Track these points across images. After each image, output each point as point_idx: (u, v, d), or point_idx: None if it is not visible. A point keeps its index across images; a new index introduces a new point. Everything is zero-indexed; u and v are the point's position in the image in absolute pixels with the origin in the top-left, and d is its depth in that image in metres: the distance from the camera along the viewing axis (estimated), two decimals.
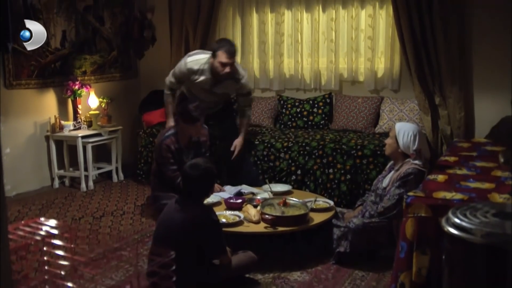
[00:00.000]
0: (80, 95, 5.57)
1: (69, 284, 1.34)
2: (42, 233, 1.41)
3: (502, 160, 2.44)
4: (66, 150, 5.60)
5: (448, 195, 2.96)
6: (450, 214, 1.89)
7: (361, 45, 5.56)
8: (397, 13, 5.04)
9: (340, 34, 5.62)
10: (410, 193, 3.07)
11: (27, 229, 1.42)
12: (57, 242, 1.43)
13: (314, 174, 4.82)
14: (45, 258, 1.45)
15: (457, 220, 1.82)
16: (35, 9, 5.26)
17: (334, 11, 5.60)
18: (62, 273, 1.36)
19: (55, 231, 1.43)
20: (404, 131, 3.60)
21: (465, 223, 1.79)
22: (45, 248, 1.48)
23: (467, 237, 1.75)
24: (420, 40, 4.99)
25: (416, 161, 3.55)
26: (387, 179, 3.66)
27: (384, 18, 5.43)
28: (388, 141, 3.69)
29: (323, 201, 3.95)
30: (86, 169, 5.51)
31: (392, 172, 3.66)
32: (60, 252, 1.42)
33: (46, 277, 1.38)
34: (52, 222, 1.45)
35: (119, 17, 6.29)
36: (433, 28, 4.95)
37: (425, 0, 4.91)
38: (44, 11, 5.36)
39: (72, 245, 1.41)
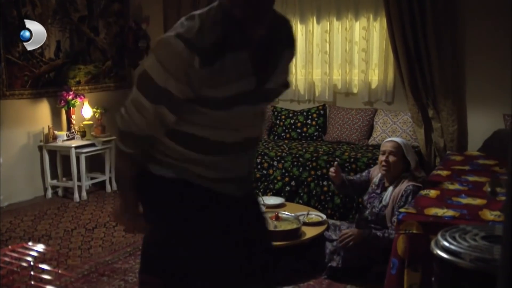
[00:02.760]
0: (74, 105, 5.57)
1: None
2: (29, 259, 1.40)
3: (488, 189, 2.45)
4: (60, 160, 5.59)
5: (440, 211, 2.97)
6: (439, 237, 1.89)
7: (355, 57, 5.58)
8: (390, 26, 5.07)
9: (334, 46, 5.65)
10: (402, 210, 3.07)
11: (14, 254, 1.41)
12: (45, 267, 1.43)
13: (308, 185, 4.83)
14: (32, 283, 1.44)
15: (446, 244, 1.82)
16: (29, 19, 5.25)
17: (328, 23, 5.63)
18: None
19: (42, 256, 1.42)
20: (408, 145, 3.61)
21: (454, 246, 1.79)
22: (32, 273, 1.47)
23: (456, 261, 1.75)
24: (413, 53, 5.02)
25: (423, 174, 3.54)
26: (386, 197, 3.57)
27: (378, 30, 5.46)
28: (391, 159, 3.54)
29: (315, 215, 3.95)
30: (79, 179, 5.49)
31: (391, 188, 3.60)
32: (47, 277, 1.42)
33: None
34: (40, 247, 1.44)
35: (114, 28, 6.30)
36: (427, 42, 4.98)
37: (418, 13, 4.94)
38: (38, 22, 5.34)
39: (59, 271, 1.40)
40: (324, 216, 3.95)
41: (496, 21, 4.86)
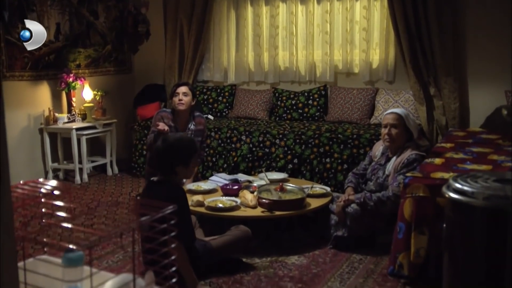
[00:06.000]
0: (74, 88, 5.54)
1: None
2: (43, 190, 1.39)
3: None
4: (60, 143, 5.56)
5: (446, 175, 2.96)
6: (451, 181, 1.89)
7: (356, 37, 5.57)
8: (391, 5, 5.06)
9: (335, 26, 5.63)
10: (408, 174, 3.07)
11: (26, 187, 1.40)
12: (57, 203, 1.41)
13: (310, 163, 4.81)
14: (43, 210, 1.43)
15: (458, 185, 1.82)
16: (28, 1, 5.23)
17: (328, 3, 5.61)
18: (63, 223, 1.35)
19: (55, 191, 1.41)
20: (408, 115, 3.62)
21: (466, 187, 1.79)
22: (43, 210, 1.46)
23: (469, 201, 1.75)
24: (414, 31, 5.01)
25: (426, 142, 3.55)
26: (389, 167, 3.58)
27: (378, 9, 5.44)
28: (393, 131, 3.54)
29: (319, 187, 3.94)
30: (80, 162, 5.47)
31: (394, 158, 3.59)
32: (61, 213, 1.41)
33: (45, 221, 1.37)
34: (53, 182, 1.43)
35: (113, 12, 6.26)
36: (428, 20, 4.97)
37: None
38: (37, 3, 5.33)
39: (71, 205, 1.39)
40: (329, 189, 3.94)
41: None
